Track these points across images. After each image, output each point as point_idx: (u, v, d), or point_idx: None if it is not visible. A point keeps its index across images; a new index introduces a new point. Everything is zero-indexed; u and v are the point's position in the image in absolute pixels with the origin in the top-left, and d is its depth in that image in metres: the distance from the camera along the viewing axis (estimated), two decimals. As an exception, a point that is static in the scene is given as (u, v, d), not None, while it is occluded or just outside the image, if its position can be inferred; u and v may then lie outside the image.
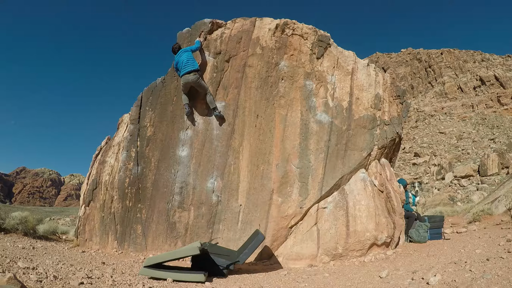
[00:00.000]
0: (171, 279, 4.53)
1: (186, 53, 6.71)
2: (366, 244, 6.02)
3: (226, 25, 7.34)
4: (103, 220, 6.82)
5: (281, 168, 6.44)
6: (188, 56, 6.67)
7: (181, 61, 6.65)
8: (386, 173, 6.87)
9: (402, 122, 7.04)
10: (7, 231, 7.34)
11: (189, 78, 6.55)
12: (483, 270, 3.85)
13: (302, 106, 6.72)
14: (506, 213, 8.98)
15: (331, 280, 4.75)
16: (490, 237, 6.22)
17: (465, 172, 30.19)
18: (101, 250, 6.62)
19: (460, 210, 13.44)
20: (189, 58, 6.66)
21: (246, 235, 6.24)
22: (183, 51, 6.76)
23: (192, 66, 6.58)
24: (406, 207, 7.64)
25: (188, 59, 6.64)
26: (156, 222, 6.57)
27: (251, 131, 6.70)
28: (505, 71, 54.81)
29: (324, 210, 6.25)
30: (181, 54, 6.73)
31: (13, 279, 2.88)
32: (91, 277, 4.08)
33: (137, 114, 7.16)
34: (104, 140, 7.63)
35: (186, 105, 6.77)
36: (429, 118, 55.20)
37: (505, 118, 48.57)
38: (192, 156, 6.75)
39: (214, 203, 6.48)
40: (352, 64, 7.05)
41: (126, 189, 6.76)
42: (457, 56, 62.19)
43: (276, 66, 6.90)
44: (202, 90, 6.75)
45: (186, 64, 6.59)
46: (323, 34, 7.11)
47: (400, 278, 4.36)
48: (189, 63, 6.59)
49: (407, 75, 66.29)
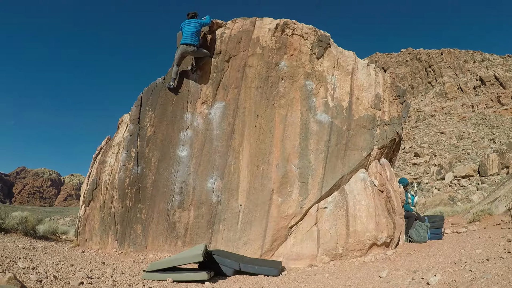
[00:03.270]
0: (171, 279, 4.52)
1: (195, 24, 6.81)
2: (366, 244, 6.02)
3: (226, 25, 7.34)
4: (103, 220, 6.82)
5: (281, 168, 6.44)
6: (195, 28, 6.77)
7: (187, 30, 6.75)
8: (386, 173, 6.87)
9: (402, 122, 7.04)
10: (7, 231, 7.33)
11: (188, 49, 6.69)
12: (483, 270, 3.85)
13: (302, 106, 6.72)
14: (506, 213, 8.97)
15: (331, 280, 4.75)
16: (490, 237, 6.22)
17: (465, 172, 30.18)
18: (101, 250, 6.62)
19: (460, 210, 13.44)
20: (194, 30, 6.75)
21: (246, 235, 6.25)
22: (194, 21, 6.85)
23: (192, 41, 6.69)
24: (406, 207, 7.64)
25: (193, 31, 6.73)
26: (156, 222, 6.57)
27: (251, 131, 6.70)
28: (505, 71, 54.83)
29: (324, 210, 6.25)
30: (190, 23, 6.84)
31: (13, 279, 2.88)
32: (91, 277, 4.08)
33: (137, 114, 7.15)
34: (104, 140, 7.63)
35: (173, 79, 6.87)
36: (429, 118, 55.20)
37: (505, 118, 48.57)
38: (192, 156, 6.75)
39: (214, 203, 6.47)
40: (352, 64, 7.05)
41: (126, 189, 6.76)
42: (457, 56, 62.21)
43: (276, 66, 6.90)
44: (202, 55, 6.90)
45: (190, 35, 6.69)
46: (323, 34, 7.11)
47: (400, 278, 4.36)
48: (192, 36, 6.70)
49: (407, 75, 66.29)
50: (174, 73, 6.90)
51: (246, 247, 6.19)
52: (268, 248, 6.16)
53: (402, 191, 7.48)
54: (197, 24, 6.81)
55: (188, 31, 6.72)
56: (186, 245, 6.35)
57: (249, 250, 6.16)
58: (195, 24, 6.80)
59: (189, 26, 6.78)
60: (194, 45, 6.69)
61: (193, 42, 6.68)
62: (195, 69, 7.06)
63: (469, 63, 60.65)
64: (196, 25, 6.80)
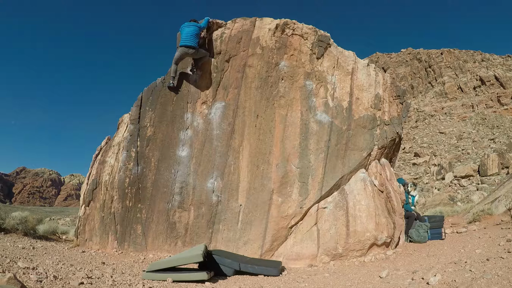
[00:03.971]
0: (171, 279, 4.52)
1: (194, 27, 6.91)
2: (366, 244, 6.02)
3: (226, 25, 7.35)
4: (103, 220, 6.82)
5: (281, 168, 6.44)
6: (194, 31, 6.86)
7: (186, 32, 6.85)
8: (386, 173, 6.87)
9: (402, 122, 7.04)
10: (7, 231, 7.33)
11: (188, 52, 6.79)
12: (483, 270, 3.85)
13: (302, 106, 6.72)
14: (506, 213, 8.98)
15: (331, 280, 4.75)
16: (490, 237, 6.22)
17: (465, 172, 30.19)
18: (101, 250, 6.62)
19: (460, 210, 13.44)
20: (194, 33, 6.84)
21: (246, 235, 6.25)
22: (193, 24, 6.97)
23: (191, 42, 6.77)
24: (406, 207, 7.64)
25: (193, 34, 6.83)
26: (156, 222, 6.57)
27: (251, 131, 6.70)
28: (505, 71, 54.83)
29: (324, 210, 6.25)
30: (190, 25, 6.96)
31: (13, 279, 2.88)
32: (91, 277, 4.08)
33: (137, 114, 7.16)
34: (104, 140, 7.63)
35: (172, 78, 6.96)
36: (429, 118, 55.20)
37: (505, 118, 48.57)
38: (192, 156, 6.75)
39: (214, 203, 6.47)
40: (352, 64, 7.05)
41: (126, 189, 6.76)
42: (457, 56, 62.20)
43: (276, 66, 6.90)
44: (201, 56, 7.01)
45: (190, 37, 6.78)
46: (323, 34, 7.11)
47: (400, 278, 4.36)
48: (191, 38, 6.79)
49: (407, 75, 66.30)
50: (173, 72, 6.97)
51: (246, 247, 6.19)
52: (268, 248, 6.16)
53: (402, 191, 7.47)
54: (196, 27, 6.93)
55: (188, 33, 6.81)
56: (186, 245, 6.35)
57: (249, 250, 6.16)
58: (195, 27, 6.91)
59: (188, 28, 6.88)
60: (194, 47, 6.76)
61: (192, 44, 6.75)
62: (195, 69, 7.08)
63: (469, 63, 60.64)
64: (195, 28, 6.90)
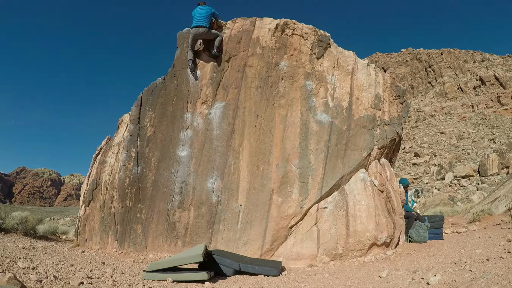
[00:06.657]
0: (171, 279, 4.52)
1: (206, 9, 7.07)
2: (366, 244, 6.02)
3: (226, 25, 7.35)
4: (103, 220, 6.82)
5: (281, 168, 6.44)
6: (206, 13, 7.00)
7: (199, 14, 7.00)
8: (386, 173, 6.87)
9: (402, 122, 7.04)
10: (7, 231, 7.33)
11: (200, 31, 6.91)
12: (483, 270, 3.85)
13: (302, 106, 6.72)
14: (506, 213, 8.98)
15: (331, 280, 4.75)
16: (490, 237, 6.22)
17: (465, 172, 30.17)
18: (101, 250, 6.62)
19: (460, 210, 13.46)
20: (206, 15, 6.98)
21: (246, 235, 6.25)
22: (206, 7, 7.12)
23: (203, 23, 6.92)
24: (406, 207, 7.64)
25: (205, 15, 6.97)
26: (156, 222, 6.57)
27: (251, 131, 6.70)
28: (505, 71, 54.82)
29: (324, 210, 6.25)
30: (202, 7, 7.11)
31: (13, 279, 2.88)
32: (91, 277, 4.08)
33: (137, 114, 7.15)
34: (104, 140, 7.63)
35: (190, 61, 7.08)
36: (429, 118, 55.19)
37: (505, 118, 48.54)
38: (192, 156, 6.75)
39: (214, 203, 6.47)
40: (352, 64, 7.05)
41: (126, 189, 6.76)
42: (457, 56, 62.20)
43: (276, 66, 6.90)
44: (213, 37, 7.10)
45: (202, 18, 6.94)
46: (323, 34, 7.11)
47: (400, 278, 4.36)
48: (204, 19, 6.94)
49: (407, 75, 66.29)
50: (191, 56, 7.08)
51: (246, 247, 6.19)
52: (268, 248, 6.16)
53: (402, 191, 7.48)
54: (208, 9, 7.08)
55: (200, 14, 6.99)
56: (186, 245, 6.35)
57: (249, 250, 6.16)
58: (207, 9, 7.07)
59: (201, 10, 7.05)
60: (206, 26, 6.91)
61: (204, 24, 6.91)
62: (214, 50, 7.08)
63: (469, 63, 60.64)
64: (207, 10, 7.06)
